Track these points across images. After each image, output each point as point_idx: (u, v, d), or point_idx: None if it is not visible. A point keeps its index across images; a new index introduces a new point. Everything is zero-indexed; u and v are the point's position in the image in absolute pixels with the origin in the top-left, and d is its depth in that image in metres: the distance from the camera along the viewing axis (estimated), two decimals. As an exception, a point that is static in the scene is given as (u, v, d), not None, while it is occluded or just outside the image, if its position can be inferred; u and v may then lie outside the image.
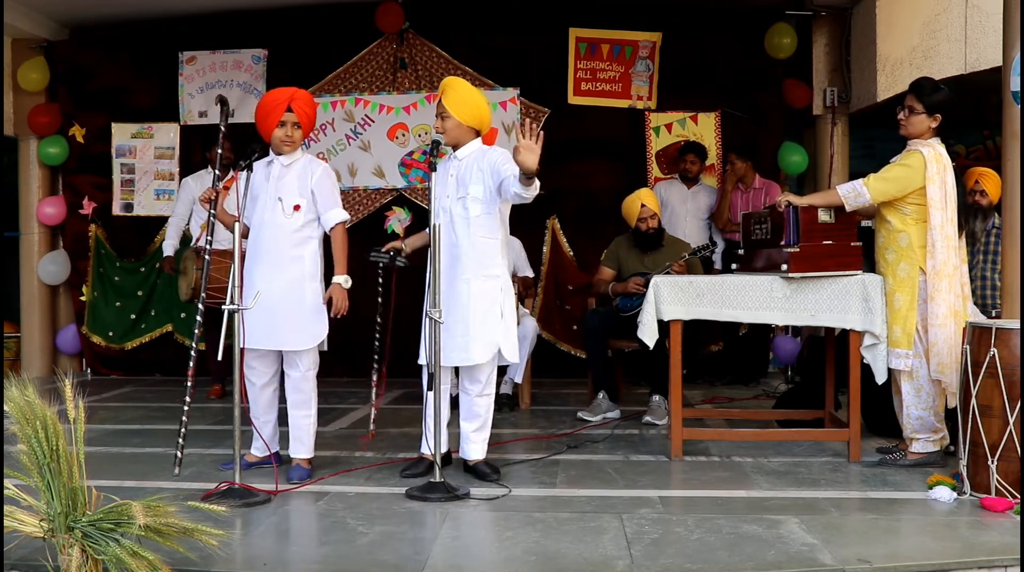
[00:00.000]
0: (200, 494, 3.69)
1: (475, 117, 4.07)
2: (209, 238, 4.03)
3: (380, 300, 4.38)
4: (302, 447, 4.18)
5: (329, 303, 4.06)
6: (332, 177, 4.19)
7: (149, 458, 4.62)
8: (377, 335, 4.41)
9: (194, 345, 3.99)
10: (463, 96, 4.06)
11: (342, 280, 4.05)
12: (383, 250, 4.27)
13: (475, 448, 4.15)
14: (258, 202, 4.12)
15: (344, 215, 4.15)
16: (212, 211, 4.02)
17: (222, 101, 4.16)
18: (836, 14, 7.26)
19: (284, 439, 4.31)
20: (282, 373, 4.23)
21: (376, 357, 4.45)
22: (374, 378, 4.50)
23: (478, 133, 4.12)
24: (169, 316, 7.76)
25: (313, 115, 4.19)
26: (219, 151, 4.15)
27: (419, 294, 4.03)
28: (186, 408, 3.97)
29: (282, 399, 4.29)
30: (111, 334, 7.80)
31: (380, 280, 4.28)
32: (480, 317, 4.02)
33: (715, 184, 7.22)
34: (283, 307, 4.04)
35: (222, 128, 4.14)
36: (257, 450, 4.31)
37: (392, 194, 7.55)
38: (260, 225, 4.09)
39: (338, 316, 4.06)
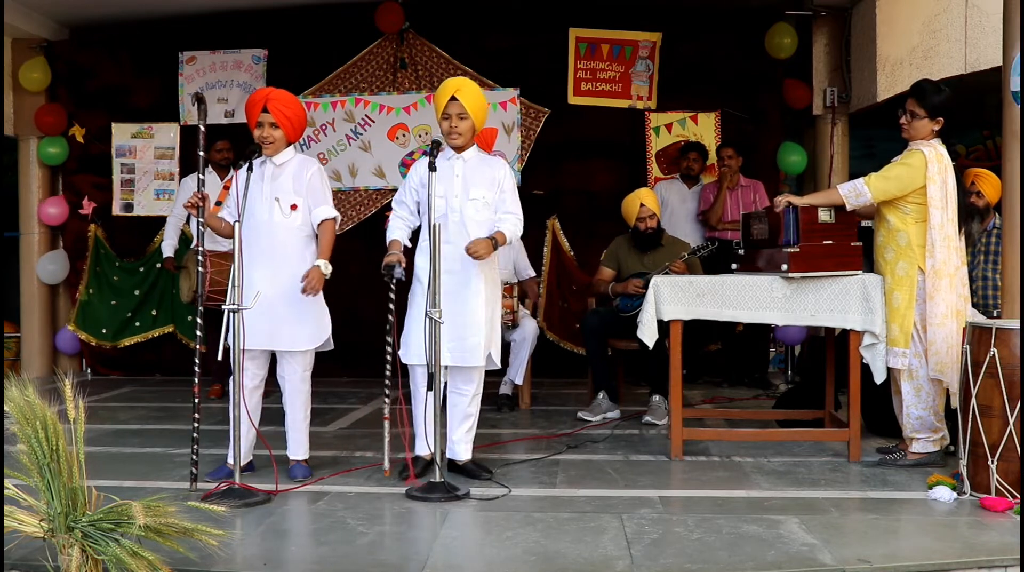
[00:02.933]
0: (200, 494, 3.69)
1: (482, 121, 4.15)
2: (201, 244, 3.97)
3: (391, 317, 4.22)
4: (300, 448, 4.18)
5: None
6: (324, 177, 4.19)
7: (149, 458, 4.62)
8: (388, 341, 4.28)
9: (198, 349, 3.94)
10: (479, 100, 4.08)
11: (322, 264, 3.99)
12: (399, 266, 4.13)
13: (465, 449, 4.18)
14: (252, 202, 4.05)
15: (334, 213, 4.13)
16: (200, 219, 3.93)
17: (199, 99, 4.03)
18: (836, 14, 7.25)
19: (280, 439, 4.29)
20: (273, 375, 4.21)
21: (388, 364, 4.32)
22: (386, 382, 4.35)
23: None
24: (171, 317, 7.75)
25: (293, 114, 4.09)
26: (201, 153, 3.99)
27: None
28: (196, 424, 3.94)
29: (277, 401, 4.29)
30: (104, 331, 7.76)
31: (392, 295, 4.16)
32: (484, 319, 4.06)
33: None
34: (283, 308, 4.02)
35: (202, 128, 3.99)
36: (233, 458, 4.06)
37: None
38: (257, 226, 4.04)
39: (305, 293, 3.96)
